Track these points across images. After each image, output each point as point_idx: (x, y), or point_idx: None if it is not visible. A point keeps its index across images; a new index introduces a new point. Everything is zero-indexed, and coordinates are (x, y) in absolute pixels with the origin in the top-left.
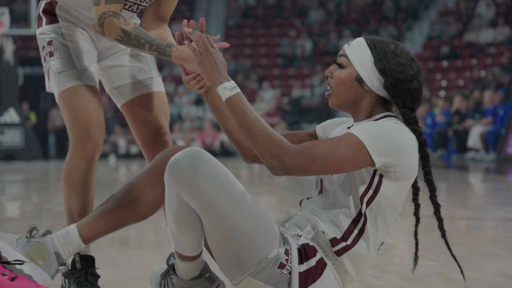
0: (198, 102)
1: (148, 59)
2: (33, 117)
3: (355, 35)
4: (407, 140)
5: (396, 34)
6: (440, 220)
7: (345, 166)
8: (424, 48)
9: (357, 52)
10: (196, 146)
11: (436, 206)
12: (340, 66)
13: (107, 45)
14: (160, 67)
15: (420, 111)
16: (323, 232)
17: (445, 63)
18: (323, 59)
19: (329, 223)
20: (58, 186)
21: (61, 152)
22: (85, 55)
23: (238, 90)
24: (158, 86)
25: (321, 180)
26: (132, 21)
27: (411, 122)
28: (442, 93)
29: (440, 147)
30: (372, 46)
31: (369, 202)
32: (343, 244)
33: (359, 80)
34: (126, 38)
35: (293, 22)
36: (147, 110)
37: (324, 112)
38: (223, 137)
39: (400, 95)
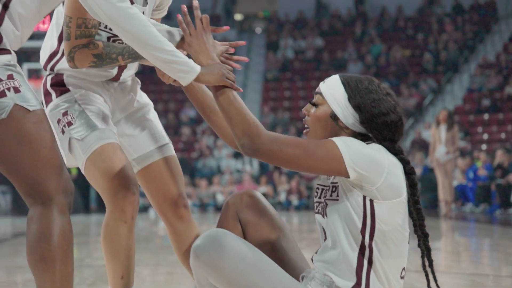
0: (237, 155)
1: (154, 122)
2: (74, 171)
3: (394, 88)
4: (388, 160)
5: (436, 87)
6: (428, 250)
7: (315, 164)
8: (465, 101)
9: (331, 90)
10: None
11: (425, 236)
12: (315, 104)
13: (119, 106)
14: (199, 121)
15: (462, 164)
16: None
17: (486, 116)
18: None
19: (341, 272)
20: (99, 240)
21: (102, 205)
22: (103, 115)
23: None
24: (170, 150)
25: (323, 229)
26: (100, 41)
27: (396, 153)
28: (483, 147)
29: (483, 202)
30: (346, 83)
31: (372, 234)
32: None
33: (334, 117)
34: (99, 61)
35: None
36: (162, 177)
37: None
38: (263, 190)
39: (378, 129)
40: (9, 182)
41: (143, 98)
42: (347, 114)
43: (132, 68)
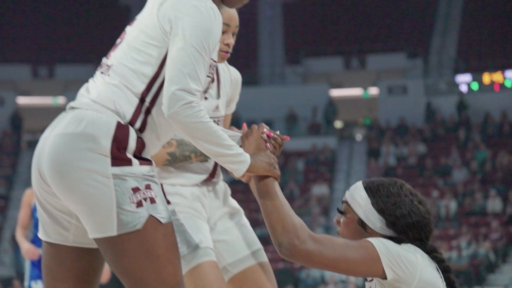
0: None
1: (247, 227)
2: None
3: (502, 194)
4: (421, 259)
5: None
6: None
7: (354, 268)
8: None
9: (355, 196)
10: None
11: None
12: (343, 212)
13: (213, 211)
14: None
15: None
16: None
17: None
18: (469, 220)
19: None
20: None
21: None
22: (199, 225)
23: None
24: (263, 256)
25: None
26: (174, 139)
27: (428, 252)
28: None
29: None
30: (368, 188)
31: None
32: None
33: (361, 223)
34: (173, 159)
35: (436, 182)
36: (256, 282)
37: (473, 275)
38: None
39: (403, 230)
40: None
41: (234, 203)
42: (373, 219)
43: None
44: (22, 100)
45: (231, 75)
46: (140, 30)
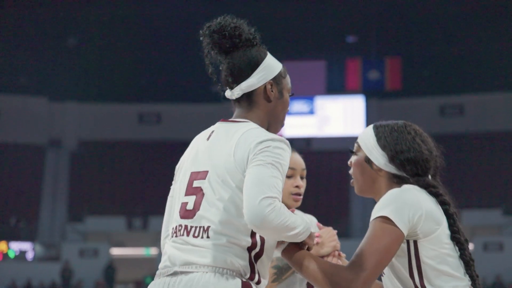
0: None
1: None
2: None
3: None
4: (422, 198)
5: None
6: (472, 278)
7: (390, 250)
8: None
9: (364, 135)
10: None
11: (467, 264)
12: (354, 152)
13: None
14: None
15: None
16: None
17: None
18: None
19: None
20: None
21: None
22: None
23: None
24: None
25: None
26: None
27: (425, 187)
28: None
29: None
30: (375, 127)
31: (420, 273)
32: None
33: (368, 160)
34: (279, 271)
35: None
36: None
37: None
38: None
39: (402, 165)
40: None
41: None
42: (377, 155)
43: None
44: (116, 251)
45: None
46: (222, 183)
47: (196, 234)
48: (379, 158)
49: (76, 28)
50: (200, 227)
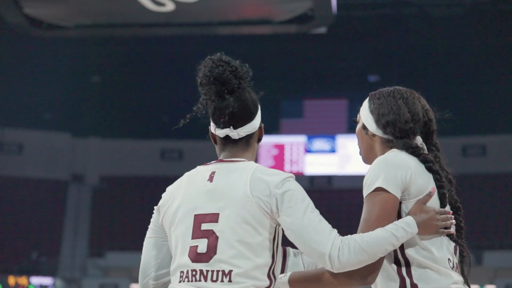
0: None
1: None
2: None
3: None
4: (401, 157)
5: None
6: (457, 221)
7: (390, 218)
8: None
9: (363, 105)
10: None
11: (457, 210)
12: (357, 122)
13: None
14: None
15: None
16: None
17: None
18: None
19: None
20: None
21: None
22: None
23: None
24: None
25: None
26: None
27: (406, 148)
28: None
29: None
30: (371, 95)
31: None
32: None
33: (364, 127)
34: None
35: None
36: None
37: None
38: None
39: (384, 128)
40: None
41: None
42: (369, 120)
43: None
44: (136, 287)
45: None
46: (242, 223)
47: (214, 278)
48: (371, 123)
49: (100, 65)
50: (218, 271)
